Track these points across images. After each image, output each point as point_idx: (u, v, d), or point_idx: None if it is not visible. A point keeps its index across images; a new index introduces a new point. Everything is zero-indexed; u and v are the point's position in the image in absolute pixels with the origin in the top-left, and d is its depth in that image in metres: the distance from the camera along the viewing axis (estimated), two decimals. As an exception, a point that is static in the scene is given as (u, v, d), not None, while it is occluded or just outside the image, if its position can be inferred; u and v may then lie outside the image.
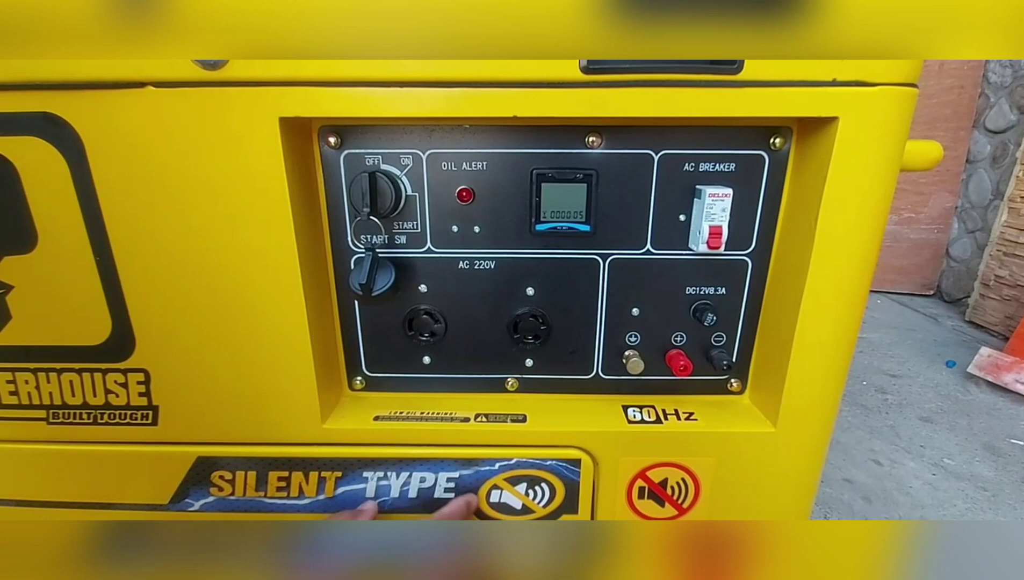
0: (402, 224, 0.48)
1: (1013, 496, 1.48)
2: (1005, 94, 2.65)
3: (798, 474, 0.53)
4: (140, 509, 0.53)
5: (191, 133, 0.41)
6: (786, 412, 0.49)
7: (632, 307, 0.51)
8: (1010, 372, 2.01)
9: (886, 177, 0.42)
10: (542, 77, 0.39)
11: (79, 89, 0.40)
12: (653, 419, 0.51)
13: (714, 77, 0.39)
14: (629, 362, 0.51)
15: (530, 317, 0.50)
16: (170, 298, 0.46)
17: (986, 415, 1.89)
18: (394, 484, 0.51)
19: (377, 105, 0.40)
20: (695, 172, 0.46)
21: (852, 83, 0.39)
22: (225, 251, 0.44)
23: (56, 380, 0.49)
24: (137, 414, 0.50)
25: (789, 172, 0.46)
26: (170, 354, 0.48)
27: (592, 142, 0.45)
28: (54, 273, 0.45)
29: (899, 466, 1.61)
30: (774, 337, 0.50)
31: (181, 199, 0.43)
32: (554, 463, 0.51)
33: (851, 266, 0.44)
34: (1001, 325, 2.54)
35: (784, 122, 0.45)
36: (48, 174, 0.42)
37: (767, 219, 0.48)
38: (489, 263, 0.49)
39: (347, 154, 0.46)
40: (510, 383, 0.54)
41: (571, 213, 0.47)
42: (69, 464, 0.52)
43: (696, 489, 0.52)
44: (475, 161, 0.46)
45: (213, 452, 0.51)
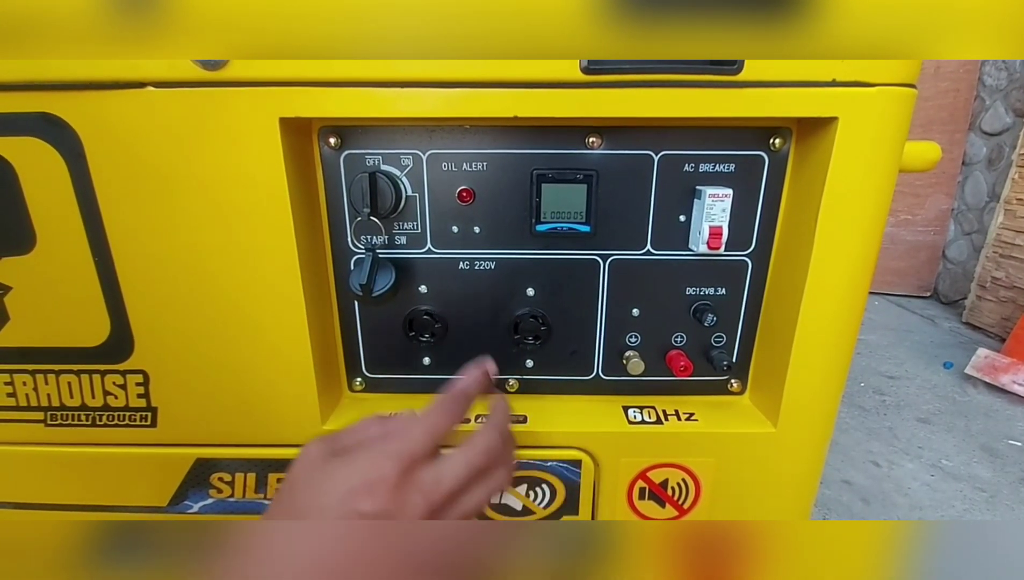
0: (402, 225, 0.48)
1: (1011, 497, 1.48)
2: (1000, 97, 2.67)
3: (798, 474, 0.53)
4: (139, 511, 0.52)
5: (191, 133, 0.41)
6: (786, 412, 0.49)
7: (632, 308, 0.51)
8: (1007, 373, 2.02)
9: (885, 177, 0.43)
10: (542, 77, 0.40)
11: (78, 89, 0.40)
12: (653, 420, 0.51)
13: (714, 77, 0.39)
14: (629, 363, 0.51)
15: (530, 318, 0.50)
16: (169, 299, 0.46)
17: (983, 416, 1.89)
18: (394, 485, 0.51)
19: (377, 105, 0.40)
20: (695, 173, 0.46)
21: (851, 84, 0.40)
22: (225, 252, 0.44)
23: (54, 381, 0.49)
24: (136, 416, 0.50)
25: (789, 173, 0.46)
26: (169, 355, 0.48)
27: (592, 143, 0.45)
28: (53, 274, 0.45)
29: (897, 467, 1.62)
30: (774, 337, 0.50)
31: (180, 200, 0.43)
32: (555, 464, 0.50)
33: (851, 266, 0.45)
34: (998, 326, 2.55)
35: (784, 123, 0.45)
36: (47, 175, 0.42)
37: (767, 219, 0.48)
38: (489, 264, 0.49)
39: (347, 155, 0.46)
40: (510, 384, 0.54)
41: (571, 214, 0.47)
42: (67, 466, 0.51)
43: (696, 490, 0.52)
44: (475, 162, 0.46)
45: (212, 454, 0.51)
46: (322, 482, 0.34)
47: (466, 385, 0.40)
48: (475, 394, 0.41)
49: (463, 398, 0.40)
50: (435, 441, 0.36)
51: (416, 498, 0.34)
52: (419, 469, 0.35)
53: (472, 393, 0.40)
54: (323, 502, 0.33)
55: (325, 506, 0.33)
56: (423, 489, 0.35)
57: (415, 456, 0.35)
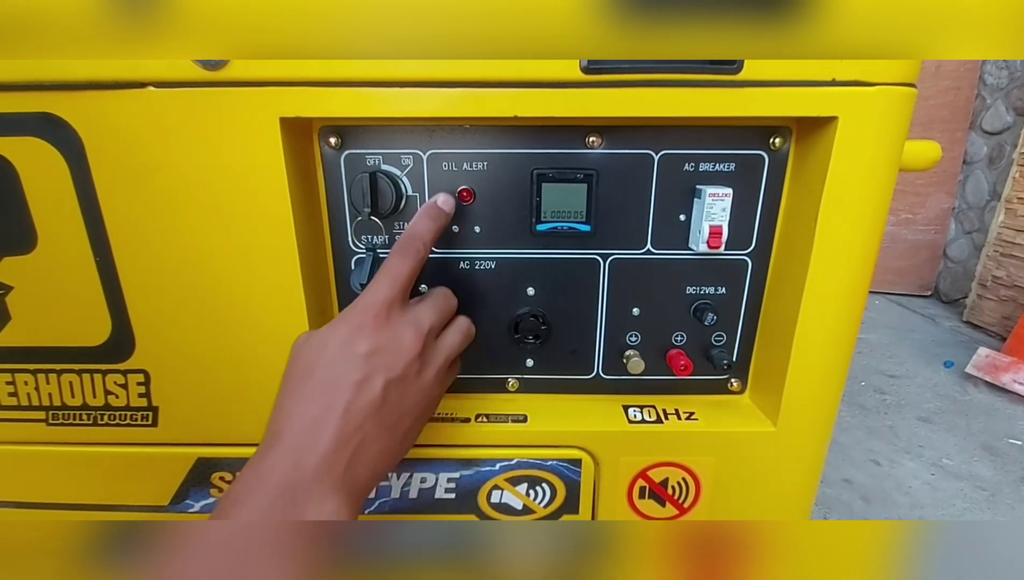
0: (403, 224, 0.48)
1: (1011, 496, 1.48)
2: (1001, 96, 2.66)
3: (799, 473, 0.53)
4: (140, 510, 0.52)
5: (191, 133, 0.41)
6: (786, 411, 0.49)
7: (632, 307, 0.51)
8: (1008, 372, 2.02)
9: (885, 176, 0.43)
10: (542, 77, 0.40)
11: (79, 89, 0.40)
12: (654, 419, 0.51)
13: (714, 77, 0.39)
14: (629, 362, 0.51)
15: (531, 317, 0.50)
16: (170, 299, 0.46)
17: (984, 415, 1.89)
18: (394, 484, 0.51)
19: (378, 105, 0.40)
20: (695, 172, 0.46)
21: (851, 83, 0.40)
22: (225, 251, 0.44)
23: (56, 381, 0.49)
24: (137, 415, 0.50)
25: (789, 172, 0.46)
26: (170, 355, 0.48)
27: (592, 142, 0.45)
28: (54, 274, 0.45)
29: (898, 466, 1.62)
30: (774, 336, 0.50)
31: (181, 199, 0.43)
32: (555, 463, 0.51)
33: (851, 265, 0.45)
34: (999, 325, 2.55)
35: (783, 122, 0.45)
36: (48, 175, 0.42)
37: (767, 219, 0.48)
38: (490, 263, 0.49)
39: (348, 154, 0.46)
40: (511, 383, 0.54)
41: (571, 213, 0.47)
42: (69, 465, 0.52)
43: (697, 489, 0.52)
44: (475, 161, 0.46)
45: (214, 453, 0.51)
46: (318, 344, 0.38)
47: (416, 224, 0.43)
48: (428, 231, 0.43)
49: (416, 239, 0.42)
50: (399, 285, 0.40)
51: (407, 331, 0.39)
52: (396, 309, 0.40)
53: (423, 230, 0.43)
54: (326, 356, 0.38)
55: (329, 359, 0.37)
56: (410, 322, 0.40)
57: (388, 300, 0.39)
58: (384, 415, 0.38)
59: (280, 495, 0.33)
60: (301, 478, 0.34)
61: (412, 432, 0.41)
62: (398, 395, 0.39)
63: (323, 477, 0.34)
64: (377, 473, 0.39)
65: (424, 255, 0.42)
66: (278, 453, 0.35)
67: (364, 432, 0.36)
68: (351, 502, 0.35)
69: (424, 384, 0.41)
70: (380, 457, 0.38)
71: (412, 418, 0.40)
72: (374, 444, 0.37)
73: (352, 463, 0.36)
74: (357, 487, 0.36)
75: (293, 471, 0.34)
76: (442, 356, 0.43)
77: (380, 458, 0.38)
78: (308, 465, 0.34)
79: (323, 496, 0.34)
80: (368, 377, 0.37)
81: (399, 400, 0.39)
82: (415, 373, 0.40)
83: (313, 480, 0.34)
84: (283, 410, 0.37)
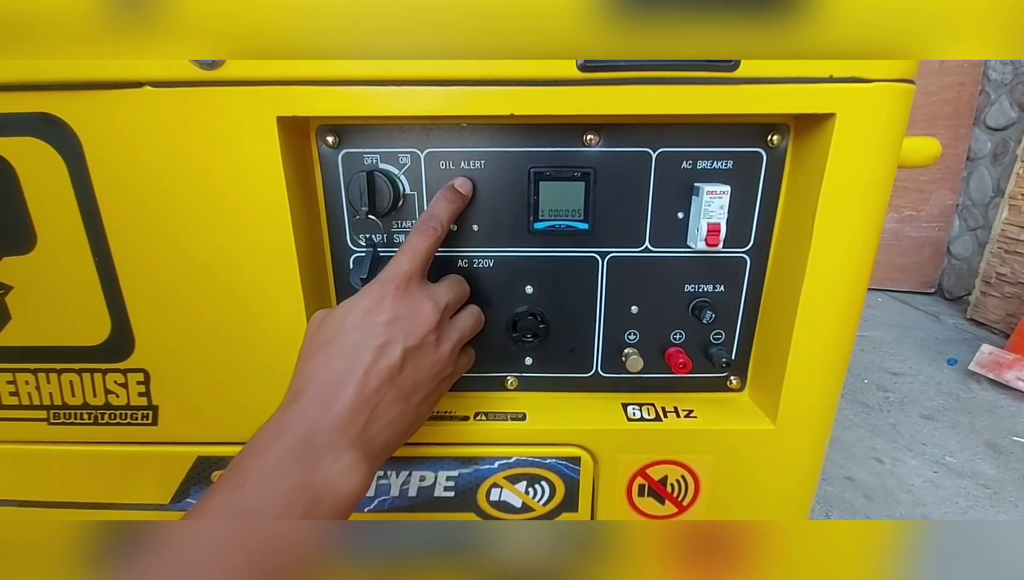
0: (400, 223, 0.48)
1: (1015, 494, 1.48)
2: (1006, 91, 2.65)
3: (798, 471, 0.53)
4: (141, 509, 0.53)
5: (189, 133, 0.41)
6: (785, 409, 0.49)
7: (631, 305, 0.51)
8: (1011, 369, 2.01)
9: (884, 173, 0.42)
10: (539, 75, 0.40)
11: (77, 89, 0.40)
12: (653, 417, 0.51)
13: (711, 74, 0.39)
14: (628, 360, 0.51)
15: (529, 315, 0.50)
16: (169, 298, 0.46)
17: (987, 413, 1.89)
18: (393, 483, 0.51)
19: (375, 104, 0.40)
20: (693, 170, 0.46)
21: (849, 80, 0.39)
22: (224, 250, 0.44)
23: (56, 380, 0.49)
24: (137, 414, 0.50)
25: (787, 169, 0.46)
26: (170, 354, 0.48)
27: (590, 140, 0.45)
28: (53, 273, 0.45)
29: (900, 464, 1.61)
30: (773, 334, 0.50)
31: (179, 199, 0.43)
32: (554, 461, 0.51)
33: (849, 262, 0.44)
34: (1002, 322, 2.54)
35: (781, 119, 0.45)
36: (46, 175, 0.42)
37: (765, 216, 0.48)
38: (488, 262, 0.49)
39: (345, 153, 0.46)
40: (509, 382, 0.54)
41: (569, 211, 0.47)
42: (70, 464, 0.52)
43: (696, 486, 0.52)
44: (473, 160, 0.46)
45: (213, 452, 0.51)
46: (340, 313, 0.40)
47: (435, 205, 0.44)
48: (444, 211, 0.44)
49: (433, 218, 0.43)
50: (419, 259, 0.42)
51: (425, 303, 0.41)
52: (415, 282, 0.41)
53: (440, 211, 0.44)
54: (348, 322, 0.39)
55: (351, 325, 0.39)
56: (428, 295, 0.42)
57: (408, 273, 0.41)
58: (400, 382, 0.39)
59: (297, 446, 0.34)
60: (319, 431, 0.35)
61: (424, 405, 0.42)
62: (415, 363, 0.40)
63: (340, 434, 0.35)
64: (390, 442, 0.39)
65: (441, 234, 0.43)
66: (298, 409, 0.36)
67: (381, 395, 0.38)
68: (366, 461, 0.36)
69: (439, 357, 0.42)
70: (394, 424, 0.39)
71: (426, 390, 0.41)
72: (389, 410, 0.38)
73: (368, 425, 0.37)
74: (372, 450, 0.37)
75: (312, 425, 0.35)
76: (457, 333, 0.44)
77: (394, 426, 0.39)
78: (326, 421, 0.35)
79: (339, 451, 0.35)
80: (388, 343, 0.38)
81: (415, 369, 0.40)
82: (432, 344, 0.41)
83: (330, 435, 0.35)
84: (303, 373, 0.38)
